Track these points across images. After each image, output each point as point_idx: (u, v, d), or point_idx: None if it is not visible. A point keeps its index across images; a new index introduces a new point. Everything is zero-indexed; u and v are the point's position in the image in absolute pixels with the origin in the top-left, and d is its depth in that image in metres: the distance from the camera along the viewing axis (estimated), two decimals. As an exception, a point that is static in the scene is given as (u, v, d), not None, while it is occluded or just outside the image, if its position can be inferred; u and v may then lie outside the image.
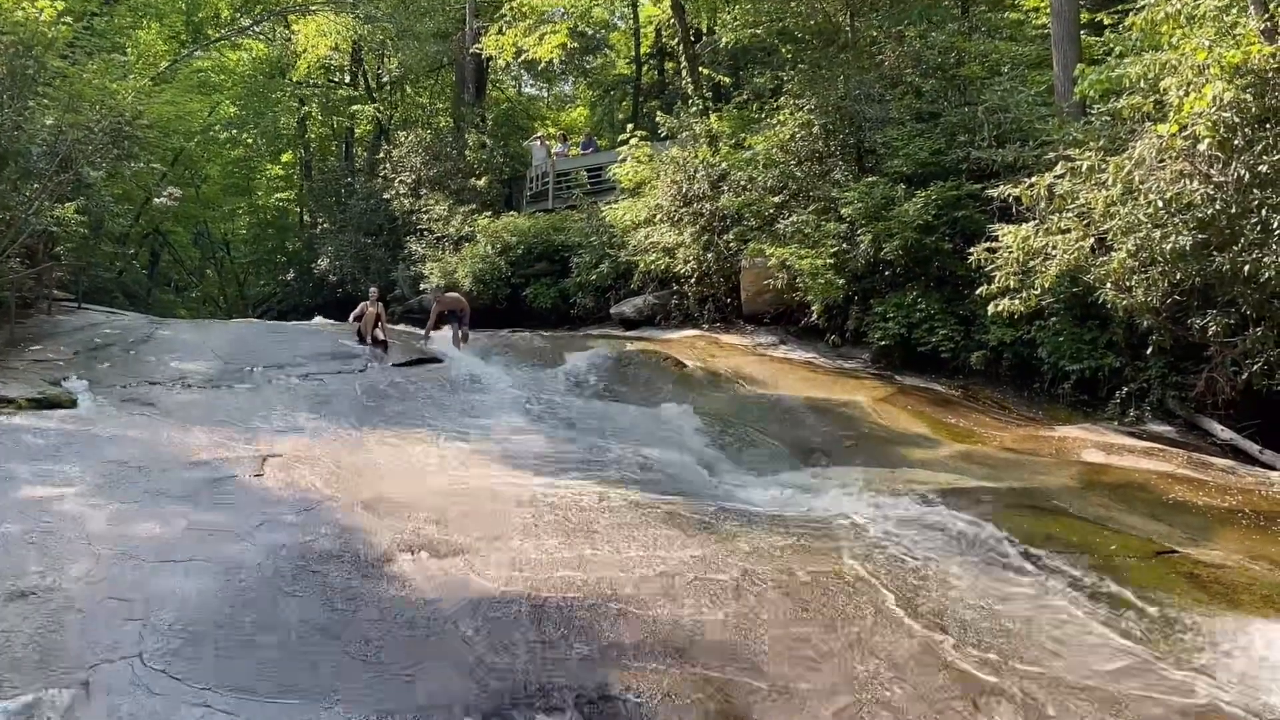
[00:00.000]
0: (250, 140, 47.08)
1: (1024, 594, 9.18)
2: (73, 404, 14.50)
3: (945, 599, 8.78)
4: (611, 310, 25.29)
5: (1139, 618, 8.95)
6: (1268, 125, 12.75)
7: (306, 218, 44.13)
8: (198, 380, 16.09)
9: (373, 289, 21.57)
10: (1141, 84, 14.44)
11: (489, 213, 31.14)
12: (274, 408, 14.43)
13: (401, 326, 24.96)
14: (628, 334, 22.96)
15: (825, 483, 12.25)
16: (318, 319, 27.23)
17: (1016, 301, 15.23)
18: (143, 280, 43.40)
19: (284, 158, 49.32)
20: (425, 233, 32.16)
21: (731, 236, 22.79)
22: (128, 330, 20.52)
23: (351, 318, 20.46)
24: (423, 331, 21.13)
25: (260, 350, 18.17)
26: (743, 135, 24.89)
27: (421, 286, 30.94)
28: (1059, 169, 15.11)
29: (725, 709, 7.00)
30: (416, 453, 12.18)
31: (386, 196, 35.08)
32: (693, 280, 23.55)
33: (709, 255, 23.19)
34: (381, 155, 37.19)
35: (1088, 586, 9.44)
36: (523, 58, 34.88)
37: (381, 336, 19.74)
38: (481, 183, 34.40)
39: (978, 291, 16.03)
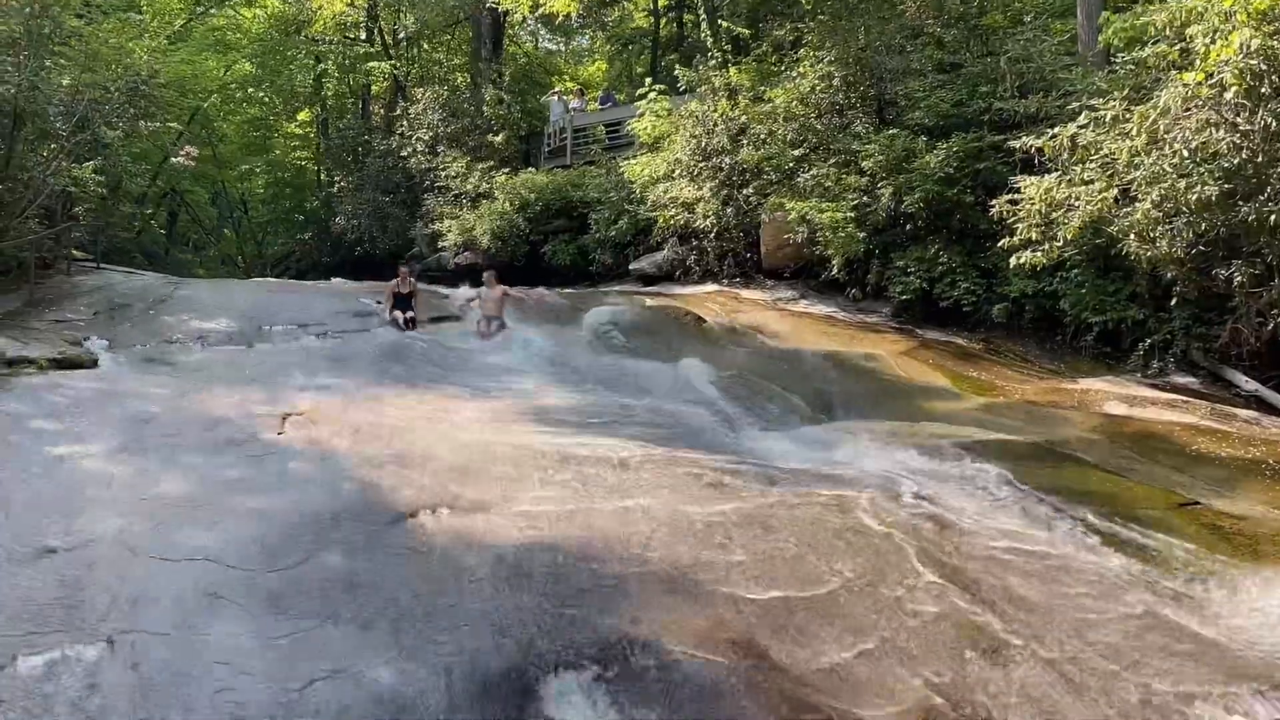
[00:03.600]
0: (266, 99, 46.84)
1: (1045, 546, 9.15)
2: (94, 364, 14.57)
3: (965, 551, 8.76)
4: (630, 266, 25.19)
5: (1161, 570, 8.91)
6: (1295, 72, 12.55)
7: (324, 176, 43.99)
8: (217, 339, 16.15)
9: (402, 266, 19.99)
10: (1167, 32, 14.21)
11: (507, 169, 30.98)
12: (293, 366, 14.46)
13: (420, 284, 24.99)
14: (647, 290, 22.89)
15: (845, 436, 12.21)
16: (336, 279, 27.25)
17: (1038, 254, 15.09)
18: (161, 240, 43.46)
19: (301, 116, 49.11)
20: (443, 190, 32.05)
21: (751, 191, 22.64)
22: (147, 290, 20.57)
23: (383, 301, 18.84)
24: (444, 291, 21.16)
25: (279, 309, 18.20)
26: (762, 88, 24.67)
27: (440, 245, 30.88)
28: (1082, 119, 14.93)
29: (748, 657, 7.03)
30: (435, 410, 12.19)
31: (404, 154, 34.96)
32: (712, 235, 23.43)
33: (728, 210, 23.05)
34: (398, 112, 37.02)
35: (1110, 538, 9.40)
36: (539, 11, 34.62)
37: (412, 315, 18.30)
38: (499, 139, 34.24)
39: (999, 244, 15.89)
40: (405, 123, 35.61)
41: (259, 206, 51.00)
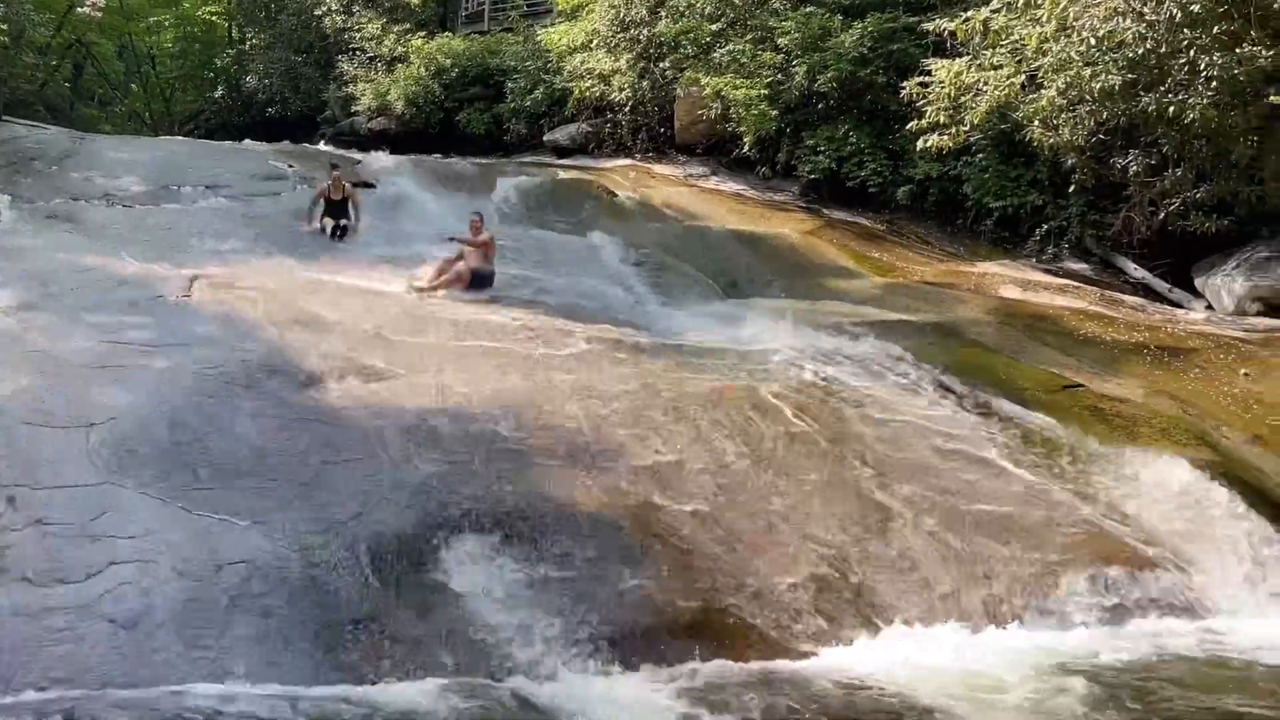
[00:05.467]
0: (175, -53, 44.77)
1: (937, 423, 9.54)
2: (-6, 219, 14.18)
3: (860, 425, 9.11)
4: (545, 138, 24.96)
5: (1043, 447, 9.37)
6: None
7: (235, 33, 42.33)
8: (124, 198, 15.79)
9: (335, 169, 16.27)
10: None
11: (423, 33, 30.16)
12: (203, 228, 14.25)
13: (328, 148, 24.53)
14: (561, 162, 22.76)
15: (750, 313, 12.48)
16: (247, 140, 26.60)
17: (945, 137, 15.30)
18: (66, 94, 41.80)
19: (212, -33, 47.03)
20: (357, 52, 31.18)
21: (667, 64, 22.44)
22: (51, 144, 19.88)
23: (310, 207, 15.66)
24: (356, 156, 20.73)
25: (188, 169, 17.78)
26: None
27: (353, 109, 30.22)
28: (995, 3, 15.03)
29: (646, 526, 7.32)
30: (347, 277, 12.14)
31: (318, 13, 33.77)
32: (627, 109, 23.26)
33: (644, 83, 22.86)
34: (314, -34, 35.68)
35: (998, 417, 9.84)
36: None
37: (345, 223, 15.28)
38: (416, 1, 33.30)
39: (908, 126, 16.04)
40: (320, -22, 34.35)
41: (167, 62, 48.92)
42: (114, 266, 11.70)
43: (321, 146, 24.02)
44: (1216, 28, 12.45)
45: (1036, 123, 14.52)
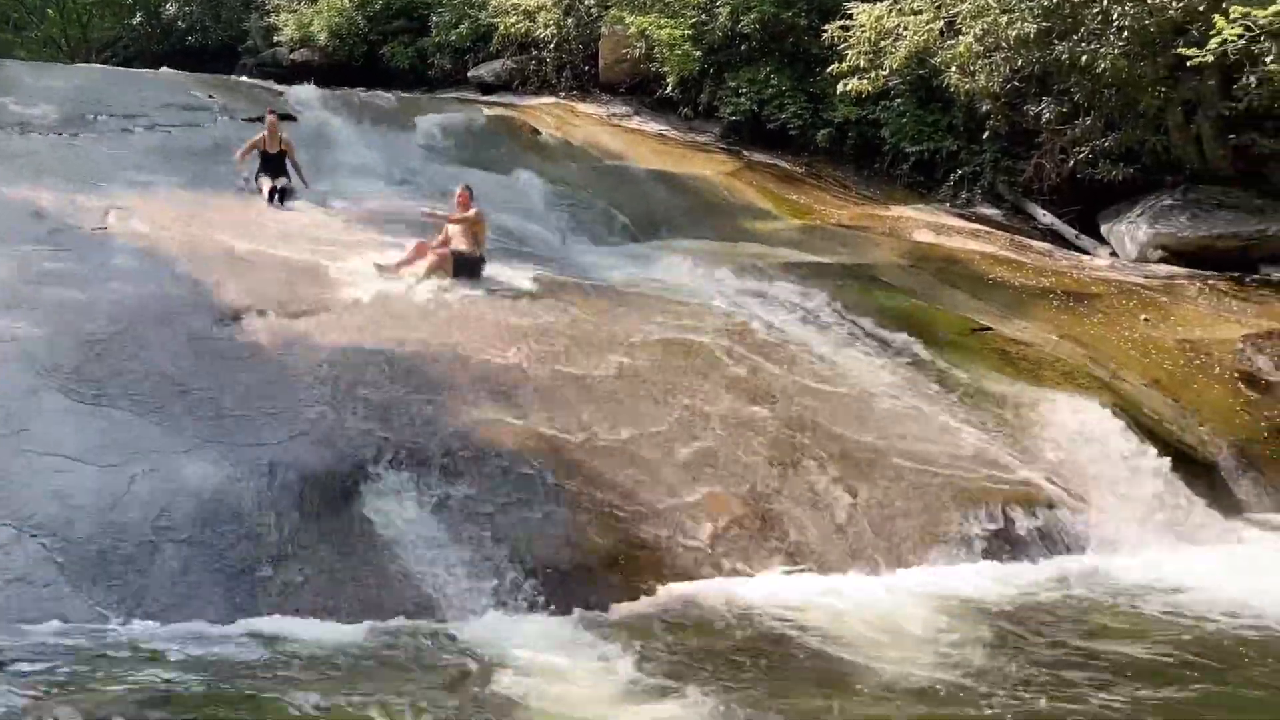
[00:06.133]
0: None
1: (850, 364, 9.79)
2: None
3: (775, 365, 9.30)
4: (469, 74, 24.67)
5: (951, 388, 9.66)
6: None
7: (156, -44, 41.01)
8: (39, 126, 15.32)
9: (270, 113, 13.95)
10: None
11: (348, -39, 29.50)
12: (120, 159, 13.90)
13: (250, 80, 23.96)
14: (485, 99, 22.52)
15: (669, 254, 12.58)
16: (165, 69, 25.87)
17: (865, 81, 15.46)
18: (-22, 18, 40.27)
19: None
20: (281, -19, 30.42)
21: (593, 2, 22.29)
22: (-39, 69, 19.22)
23: (240, 160, 13.29)
24: (278, 88, 20.25)
25: (106, 98, 17.27)
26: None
27: (275, 39, 29.50)
28: (917, -52, 15.17)
29: (563, 463, 7.44)
30: (269, 210, 11.96)
31: (241, -61, 32.83)
32: (552, 46, 23.05)
33: (569, 21, 22.66)
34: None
35: (908, 357, 10.11)
36: None
37: (285, 183, 12.93)
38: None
39: (829, 69, 16.18)
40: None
41: (84, -16, 47.32)
42: (28, 196, 11.42)
43: (242, 78, 23.42)
44: (1129, -22, 12.72)
45: (954, 69, 14.74)
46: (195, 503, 6.49)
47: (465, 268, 10.40)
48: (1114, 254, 14.19)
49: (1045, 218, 15.28)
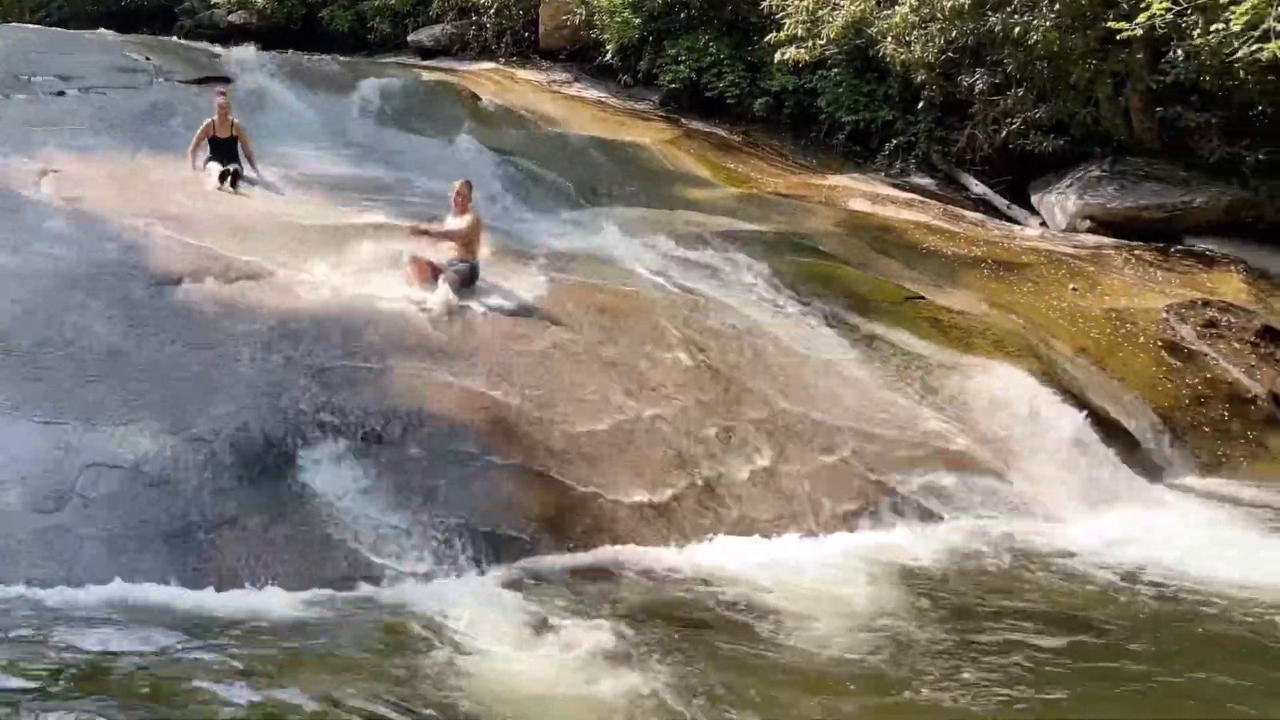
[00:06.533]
0: None
1: (784, 332, 9.91)
2: None
3: (712, 333, 9.38)
4: (409, 38, 24.44)
5: (884, 355, 9.84)
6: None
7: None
8: (-29, 88, 14.99)
9: (219, 94, 12.93)
10: None
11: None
12: (56, 121, 13.57)
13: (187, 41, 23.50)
14: (424, 63, 22.32)
15: (610, 222, 12.57)
16: (102, 29, 25.28)
17: (802, 50, 15.56)
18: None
19: None
20: (219, -60, 29.81)
21: (535, -34, 22.17)
22: (-111, 28, 18.63)
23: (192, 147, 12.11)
24: (216, 50, 19.86)
25: (40, 59, 16.81)
26: None
27: (212, 1, 29.00)
28: (854, -82, 15.24)
29: (501, 430, 7.48)
30: (206, 172, 11.72)
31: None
32: (492, 11, 22.88)
33: (511, -15, 22.55)
34: None
35: (842, 324, 10.26)
36: None
37: (237, 168, 11.76)
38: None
39: (767, 38, 16.26)
40: None
41: (15, -61, 46.00)
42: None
43: (179, 40, 22.97)
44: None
45: (890, 39, 14.89)
46: (128, 470, 6.47)
47: (470, 279, 9.21)
48: (1044, 224, 14.46)
49: (977, 188, 15.51)
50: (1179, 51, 12.76)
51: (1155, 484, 9.13)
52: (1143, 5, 11.83)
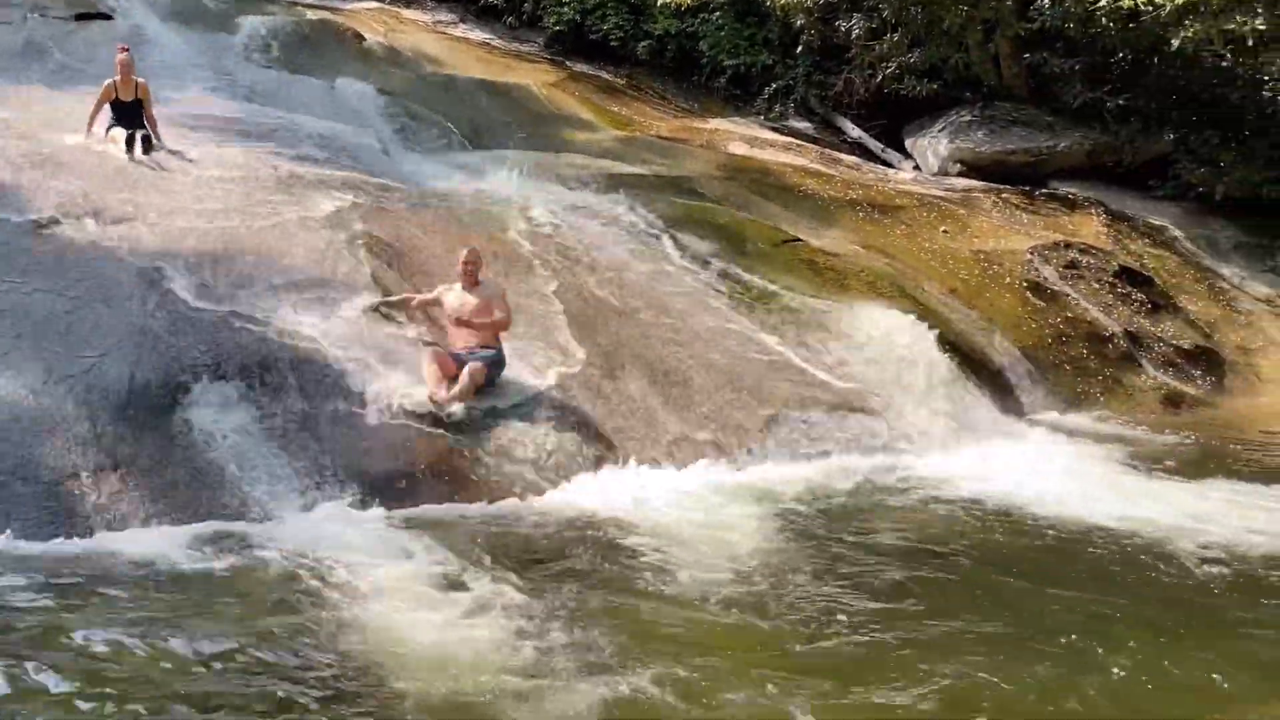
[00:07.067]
0: None
1: (663, 273, 10.10)
2: None
3: (592, 274, 9.54)
4: (290, -30, 23.90)
5: (761, 299, 10.09)
6: None
7: None
8: None
9: (121, 51, 11.35)
10: None
11: None
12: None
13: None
14: (308, 1, 21.88)
15: (495, 165, 12.60)
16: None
17: (686, -7, 15.71)
18: None
19: None
20: None
21: (413, -99, 21.74)
22: None
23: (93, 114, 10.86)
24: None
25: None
26: None
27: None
28: None
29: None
30: (83, 113, 11.40)
31: None
32: (375, -54, 22.51)
33: (390, -83, 22.10)
34: None
35: (719, 267, 10.48)
36: None
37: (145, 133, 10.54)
38: None
39: (650, -20, 16.36)
40: None
41: None
42: None
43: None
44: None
45: (770, -18, 15.07)
46: (6, 416, 6.38)
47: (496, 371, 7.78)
48: (917, 167, 14.88)
49: (854, 131, 15.86)
50: (1046, 0, 13.18)
51: (1019, 420, 9.57)
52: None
